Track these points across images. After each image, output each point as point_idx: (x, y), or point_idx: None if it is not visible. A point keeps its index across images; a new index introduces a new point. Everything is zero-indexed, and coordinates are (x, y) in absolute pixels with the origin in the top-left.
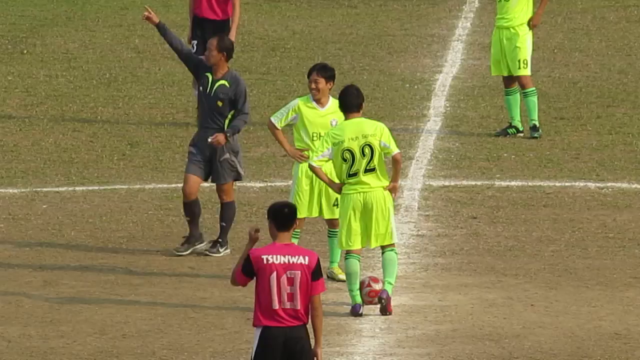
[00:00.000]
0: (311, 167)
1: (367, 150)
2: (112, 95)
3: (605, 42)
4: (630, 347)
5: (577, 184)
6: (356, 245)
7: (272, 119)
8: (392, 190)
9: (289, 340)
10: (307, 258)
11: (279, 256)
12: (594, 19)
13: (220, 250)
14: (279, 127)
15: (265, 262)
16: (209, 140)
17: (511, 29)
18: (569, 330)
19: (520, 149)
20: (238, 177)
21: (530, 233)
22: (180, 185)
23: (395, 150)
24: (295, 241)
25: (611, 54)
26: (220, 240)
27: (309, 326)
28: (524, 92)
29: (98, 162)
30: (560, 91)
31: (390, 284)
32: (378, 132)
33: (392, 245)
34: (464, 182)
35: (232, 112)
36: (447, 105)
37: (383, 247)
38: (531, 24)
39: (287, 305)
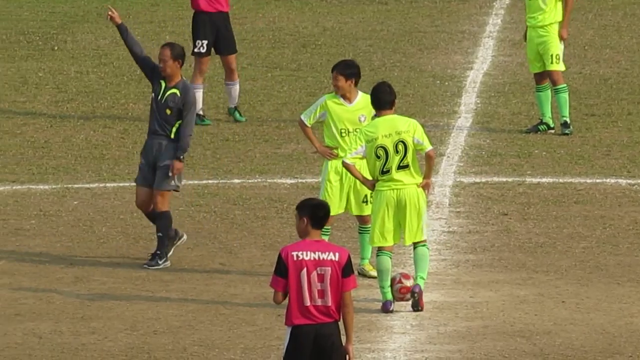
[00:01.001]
0: (345, 164)
1: (400, 147)
2: (143, 91)
3: (636, 38)
4: None
5: (608, 180)
6: (388, 242)
7: (302, 116)
8: (425, 187)
9: (320, 337)
10: (337, 254)
11: (309, 252)
12: (624, 16)
13: (160, 262)
14: (308, 125)
15: (295, 258)
16: (170, 175)
17: (542, 28)
18: (600, 327)
19: (551, 146)
20: (176, 189)
21: (561, 230)
22: (212, 182)
23: (428, 146)
24: (325, 238)
25: None
26: (159, 252)
27: (340, 323)
28: (555, 89)
29: (129, 158)
30: (591, 88)
31: (423, 278)
32: (411, 128)
33: (424, 240)
34: (495, 179)
35: (179, 121)
36: (478, 101)
37: (415, 243)
38: (560, 38)
39: (319, 302)
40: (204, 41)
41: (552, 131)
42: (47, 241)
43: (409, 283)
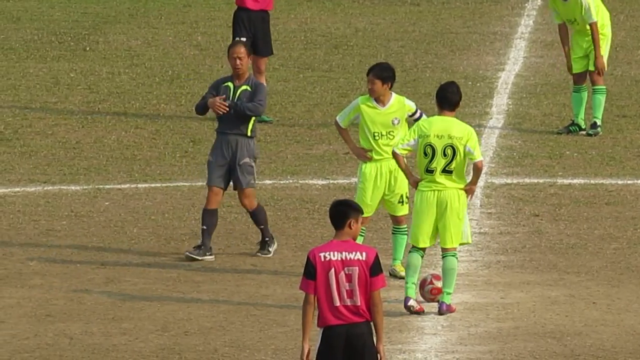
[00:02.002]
0: (394, 154)
1: (448, 151)
2: (175, 92)
3: None
4: None
5: (639, 181)
6: (425, 243)
7: (337, 118)
8: (469, 191)
9: (351, 337)
10: (364, 254)
11: (336, 253)
12: None
13: (270, 249)
14: (343, 127)
15: (323, 259)
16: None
17: (584, 30)
18: (631, 328)
19: (583, 147)
20: (252, 185)
21: (593, 231)
22: None
23: (478, 157)
24: (360, 239)
25: None
26: (266, 239)
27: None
28: (593, 89)
29: (160, 159)
30: (623, 89)
31: (449, 294)
32: (465, 136)
33: (454, 249)
34: (526, 180)
35: (253, 118)
36: (510, 102)
37: (444, 250)
38: (596, 68)
39: (348, 302)
40: (243, 39)
41: (583, 132)
42: (78, 242)
43: (440, 284)
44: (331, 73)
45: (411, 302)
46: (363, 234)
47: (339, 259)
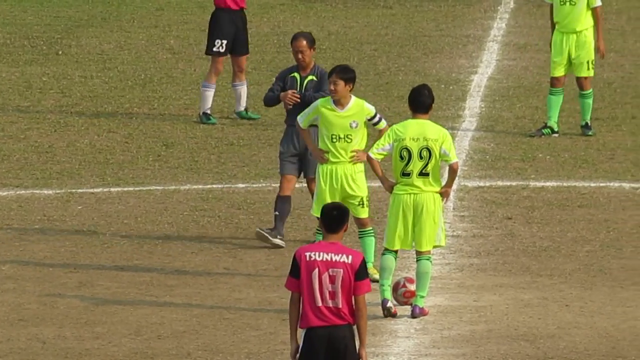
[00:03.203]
0: (369, 158)
1: (425, 153)
2: (148, 96)
3: None
4: None
5: (612, 184)
6: (400, 246)
7: (298, 118)
8: (444, 194)
9: (333, 339)
10: (350, 257)
11: (321, 253)
12: (629, 20)
13: (273, 238)
14: (303, 127)
15: (307, 258)
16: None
17: (579, 34)
18: (604, 331)
19: (556, 150)
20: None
21: (565, 233)
22: (216, 186)
23: (454, 159)
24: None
25: None
26: (262, 229)
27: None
28: (582, 94)
29: (133, 163)
30: (596, 92)
31: (422, 297)
32: (441, 137)
33: (428, 252)
34: (499, 183)
35: None
36: (483, 105)
37: (418, 254)
38: (598, 49)
39: (330, 303)
40: (223, 41)
41: (556, 135)
42: (51, 246)
43: (413, 287)
44: None
45: (389, 304)
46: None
47: (324, 259)
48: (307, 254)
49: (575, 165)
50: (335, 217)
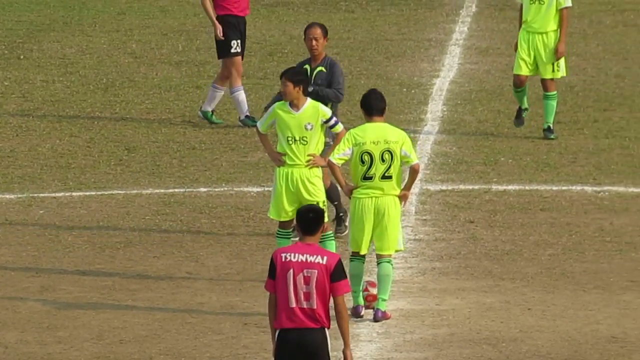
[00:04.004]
0: (329, 164)
1: (387, 156)
2: (109, 100)
3: (602, 46)
4: (627, 351)
5: (574, 187)
6: (364, 249)
7: (257, 123)
8: (403, 197)
9: (303, 344)
10: (325, 258)
11: (297, 254)
12: (590, 23)
13: (346, 224)
14: (262, 132)
15: (283, 259)
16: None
17: (545, 34)
18: (566, 334)
19: (518, 153)
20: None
21: (528, 237)
22: (178, 190)
23: (415, 160)
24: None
25: (608, 58)
26: (341, 214)
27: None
28: (547, 95)
29: (95, 167)
30: (558, 95)
31: (384, 300)
32: (401, 139)
33: (389, 255)
34: (461, 186)
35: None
36: (445, 109)
37: (379, 257)
38: (557, 55)
39: (304, 304)
40: (238, 41)
41: (530, 133)
42: (12, 250)
43: (375, 291)
44: (266, 80)
45: (363, 312)
46: (289, 237)
47: (299, 260)
48: (283, 254)
49: (537, 168)
50: (311, 220)
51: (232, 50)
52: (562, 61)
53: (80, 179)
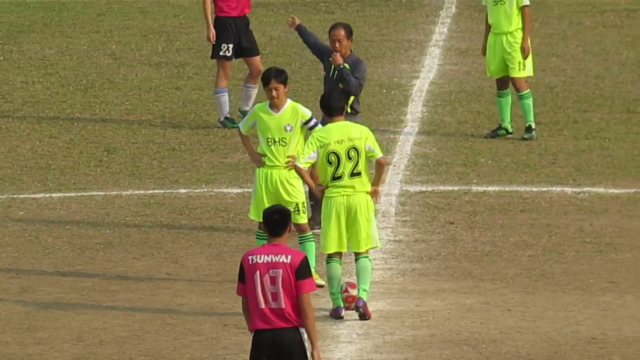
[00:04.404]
0: (297, 169)
1: (353, 153)
2: (89, 101)
3: (582, 47)
4: (607, 352)
5: (554, 189)
6: (339, 248)
7: (239, 124)
8: (374, 194)
9: (278, 344)
10: (290, 257)
11: (263, 255)
12: (570, 24)
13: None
14: (244, 133)
15: (250, 262)
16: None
17: (508, 34)
18: (546, 335)
19: (497, 154)
20: None
21: (508, 238)
22: (158, 191)
23: (380, 154)
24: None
25: (588, 59)
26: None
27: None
28: (519, 95)
29: (75, 168)
30: (537, 96)
31: (365, 291)
32: (364, 135)
33: (367, 252)
34: (441, 188)
35: (352, 96)
36: (424, 110)
37: (357, 254)
38: (523, 55)
39: (273, 304)
40: (229, 45)
41: (511, 136)
42: None
43: (354, 292)
44: None
45: (343, 313)
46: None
47: (265, 261)
48: (250, 257)
49: (517, 170)
50: (277, 221)
51: (221, 54)
52: (528, 60)
53: (60, 180)
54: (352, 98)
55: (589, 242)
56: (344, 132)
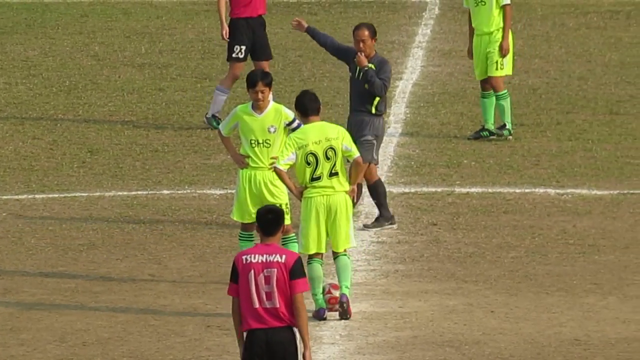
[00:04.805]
0: (276, 171)
1: (330, 153)
2: (72, 102)
3: (565, 48)
4: (591, 353)
5: (537, 190)
6: (320, 249)
7: (220, 126)
8: (352, 193)
9: (272, 343)
10: (284, 256)
11: (257, 255)
12: (553, 26)
13: (385, 224)
14: (225, 135)
15: (244, 262)
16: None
17: (491, 34)
18: (529, 337)
19: (481, 156)
20: (376, 162)
21: (491, 239)
22: (141, 193)
23: (357, 153)
24: (249, 245)
25: (571, 60)
26: (382, 215)
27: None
28: (495, 95)
29: (58, 169)
30: (520, 97)
31: (348, 287)
32: (340, 135)
33: (345, 250)
34: (424, 189)
35: (377, 97)
36: (407, 111)
37: (335, 253)
38: (502, 53)
39: (267, 304)
40: (242, 46)
41: (494, 137)
42: None
43: (338, 293)
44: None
45: (327, 314)
46: (252, 239)
47: (259, 261)
48: (244, 257)
49: (500, 171)
50: (270, 221)
51: (233, 55)
52: (506, 59)
53: (43, 181)
54: (377, 99)
55: (572, 243)
56: (321, 133)
